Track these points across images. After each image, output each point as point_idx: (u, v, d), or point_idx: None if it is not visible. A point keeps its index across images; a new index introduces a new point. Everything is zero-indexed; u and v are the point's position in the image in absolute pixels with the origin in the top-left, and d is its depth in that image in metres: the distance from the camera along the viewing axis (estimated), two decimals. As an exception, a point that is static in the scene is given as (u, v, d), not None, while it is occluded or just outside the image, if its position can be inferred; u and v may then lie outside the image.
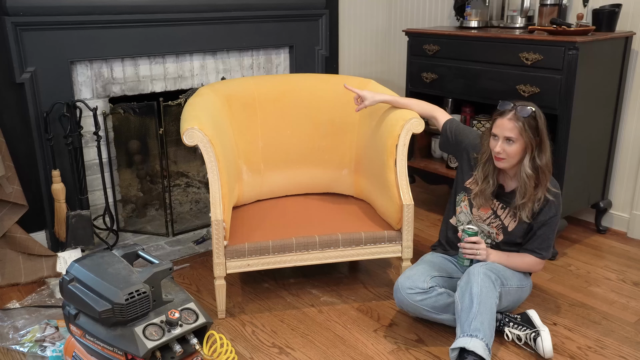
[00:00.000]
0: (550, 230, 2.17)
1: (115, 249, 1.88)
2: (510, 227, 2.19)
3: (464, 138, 2.30)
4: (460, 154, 2.33)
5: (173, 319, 1.68)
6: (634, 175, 2.99)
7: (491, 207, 2.22)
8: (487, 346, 1.90)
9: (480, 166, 2.20)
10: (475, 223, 2.27)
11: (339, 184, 2.76)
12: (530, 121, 2.03)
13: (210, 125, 2.24)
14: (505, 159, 2.08)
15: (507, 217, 2.19)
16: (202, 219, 3.26)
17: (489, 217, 2.23)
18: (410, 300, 2.13)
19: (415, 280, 2.14)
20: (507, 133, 2.04)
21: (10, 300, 2.46)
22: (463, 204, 2.31)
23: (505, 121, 2.04)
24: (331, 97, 2.71)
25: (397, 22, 3.97)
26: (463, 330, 1.94)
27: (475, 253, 2.12)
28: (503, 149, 2.06)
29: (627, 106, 2.95)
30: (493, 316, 1.98)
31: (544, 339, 2.05)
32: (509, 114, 2.05)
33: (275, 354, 2.13)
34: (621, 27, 2.85)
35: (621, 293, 2.52)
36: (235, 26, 3.16)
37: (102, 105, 2.91)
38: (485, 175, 2.18)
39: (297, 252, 2.30)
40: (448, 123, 2.36)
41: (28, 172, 2.74)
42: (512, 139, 2.04)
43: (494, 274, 2.04)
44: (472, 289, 1.99)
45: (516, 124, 2.02)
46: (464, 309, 1.98)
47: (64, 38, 2.66)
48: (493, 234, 2.24)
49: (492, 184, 2.16)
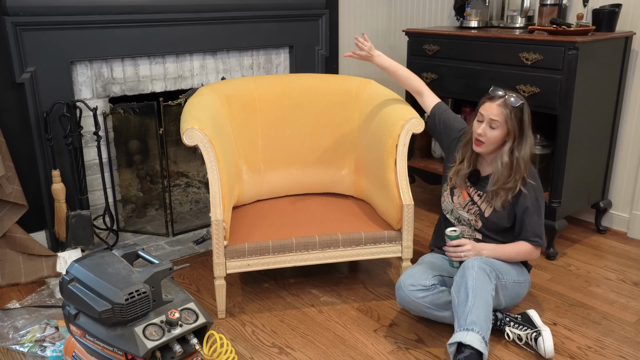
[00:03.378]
0: (535, 217, 2.17)
1: (115, 249, 1.88)
2: (487, 213, 2.22)
3: (452, 131, 2.35)
4: (447, 144, 2.38)
5: (173, 319, 1.68)
6: (634, 175, 2.99)
7: (468, 194, 2.26)
8: (483, 339, 1.91)
9: (460, 147, 2.27)
10: (456, 212, 2.29)
11: (339, 184, 2.76)
12: (517, 112, 2.09)
13: (210, 125, 2.24)
14: (484, 144, 2.13)
15: (483, 203, 2.23)
16: (202, 219, 3.26)
17: (466, 204, 2.27)
18: (413, 297, 2.13)
19: (417, 277, 2.15)
20: (493, 116, 2.09)
21: (10, 300, 2.46)
22: (445, 193, 2.36)
23: (493, 105, 2.10)
24: (331, 97, 2.71)
25: (397, 22, 3.97)
26: (460, 324, 1.95)
27: (460, 256, 2.13)
28: (485, 132, 2.11)
29: (627, 106, 2.95)
30: (489, 308, 1.99)
31: (545, 339, 2.05)
32: (499, 100, 2.11)
33: (275, 354, 2.13)
34: (621, 27, 2.85)
35: (621, 293, 2.52)
36: (235, 26, 3.16)
37: (102, 105, 2.91)
38: (463, 156, 2.25)
39: (297, 252, 2.30)
40: (436, 109, 2.40)
41: (28, 172, 2.74)
42: (496, 124, 2.09)
43: (488, 267, 2.05)
44: (467, 282, 2.00)
45: (503, 110, 2.09)
46: (460, 303, 1.99)
47: (64, 38, 2.66)
48: (472, 221, 2.27)
49: (466, 166, 2.23)
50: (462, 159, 2.25)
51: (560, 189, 2.71)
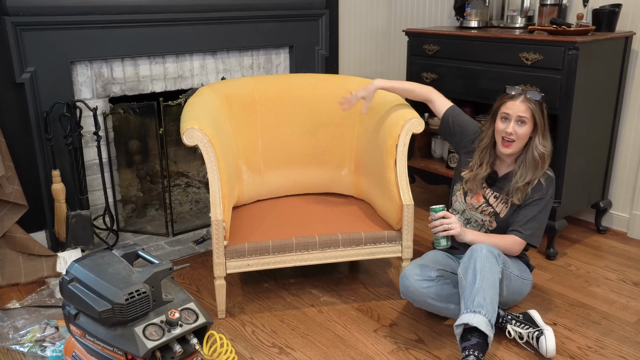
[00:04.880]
0: (534, 210, 2.17)
1: (115, 249, 1.88)
2: (502, 214, 2.22)
3: (466, 132, 2.35)
4: (461, 145, 2.38)
5: (173, 319, 1.68)
6: (634, 175, 2.99)
7: (483, 195, 2.26)
8: (489, 322, 1.91)
9: (477, 152, 2.27)
10: (469, 212, 2.30)
11: (339, 184, 2.76)
12: (540, 105, 2.14)
13: (210, 125, 2.24)
14: (515, 142, 2.14)
15: (499, 203, 2.23)
16: (202, 219, 3.26)
17: (480, 205, 2.27)
18: (417, 286, 2.14)
19: (423, 269, 2.18)
20: (521, 113, 2.11)
21: (10, 300, 2.46)
22: (458, 192, 2.36)
23: (517, 103, 2.13)
24: (331, 97, 2.71)
25: (397, 22, 3.97)
26: (467, 306, 1.95)
27: (447, 227, 2.10)
28: (514, 130, 2.12)
29: (627, 106, 2.95)
30: (496, 291, 1.99)
31: (547, 338, 2.05)
32: (520, 97, 2.14)
33: (275, 354, 2.13)
34: (621, 27, 2.85)
35: (621, 293, 2.52)
36: (235, 26, 3.16)
37: (102, 105, 2.91)
38: (481, 161, 2.25)
39: (297, 252, 2.30)
40: (449, 112, 2.39)
41: (28, 172, 2.74)
42: (525, 120, 2.11)
43: (496, 251, 2.06)
44: (475, 264, 1.99)
45: (529, 105, 2.12)
46: (467, 284, 1.99)
47: (64, 38, 2.67)
48: (486, 222, 2.27)
49: (485, 170, 2.24)
50: (481, 163, 2.25)
51: (560, 189, 2.71)
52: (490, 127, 2.21)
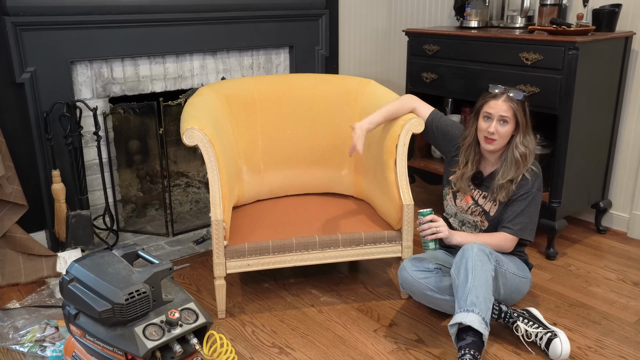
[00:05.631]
0: (521, 205, 2.18)
1: (115, 249, 1.88)
2: (492, 212, 2.23)
3: (451, 136, 2.36)
4: (447, 150, 2.39)
5: (173, 319, 1.68)
6: (634, 175, 2.99)
7: (471, 196, 2.28)
8: (483, 320, 1.91)
9: (462, 151, 2.28)
10: (460, 215, 2.31)
11: (339, 184, 2.76)
12: (522, 104, 2.15)
13: (210, 125, 2.24)
14: (496, 141, 2.15)
15: (488, 202, 2.24)
16: (202, 219, 3.26)
17: (469, 206, 2.28)
18: (416, 277, 2.15)
19: (421, 261, 2.21)
20: (503, 113, 2.12)
21: (10, 300, 2.46)
22: (448, 197, 2.37)
23: (500, 102, 2.14)
24: (331, 97, 2.71)
25: (397, 22, 3.97)
26: (460, 305, 1.96)
27: (435, 231, 2.12)
28: (497, 129, 2.13)
29: (627, 106, 2.95)
30: (489, 289, 1.98)
31: (562, 342, 2.02)
32: (502, 96, 2.14)
33: (275, 354, 2.13)
34: (621, 27, 2.85)
35: (621, 293, 2.52)
36: (235, 26, 3.16)
37: (102, 105, 2.91)
38: (467, 159, 2.27)
39: (297, 252, 2.30)
40: (432, 117, 2.39)
41: (28, 172, 2.74)
42: (507, 119, 2.13)
43: (488, 249, 2.06)
44: (467, 263, 2.00)
45: (511, 105, 2.13)
46: (460, 284, 1.99)
47: (64, 38, 2.66)
48: (478, 222, 2.28)
49: (470, 169, 2.26)
50: (466, 162, 2.27)
51: (560, 189, 2.71)
52: (473, 125, 2.23)
